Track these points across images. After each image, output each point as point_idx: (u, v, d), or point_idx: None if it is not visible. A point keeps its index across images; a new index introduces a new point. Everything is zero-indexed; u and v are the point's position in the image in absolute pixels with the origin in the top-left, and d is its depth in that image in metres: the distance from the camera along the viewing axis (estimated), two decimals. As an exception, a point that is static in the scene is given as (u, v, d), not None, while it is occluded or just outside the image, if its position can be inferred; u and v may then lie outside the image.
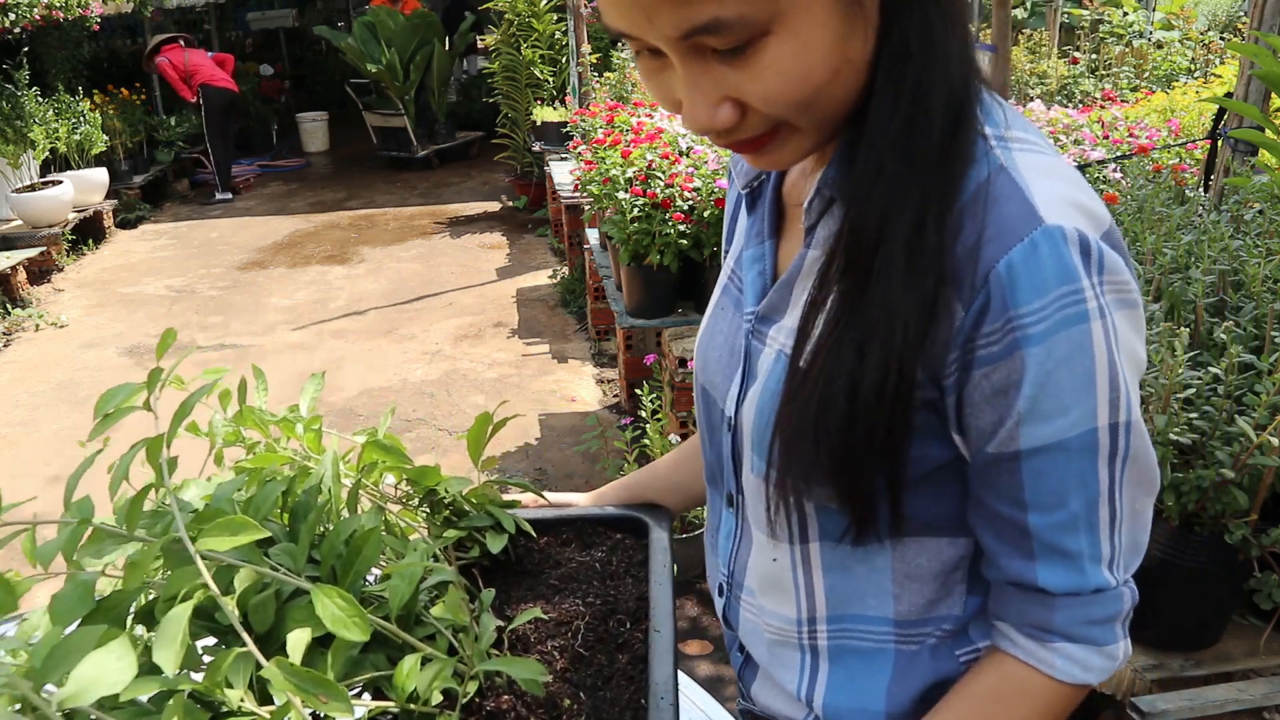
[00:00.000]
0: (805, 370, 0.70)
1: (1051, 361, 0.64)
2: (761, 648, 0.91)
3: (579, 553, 1.01)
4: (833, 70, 0.63)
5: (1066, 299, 0.63)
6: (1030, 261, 0.63)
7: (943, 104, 0.65)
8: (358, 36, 9.36)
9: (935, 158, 0.65)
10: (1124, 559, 0.72)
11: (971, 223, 0.65)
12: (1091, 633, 0.73)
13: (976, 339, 0.65)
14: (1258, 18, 2.39)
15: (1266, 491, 1.44)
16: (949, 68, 0.65)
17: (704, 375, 0.90)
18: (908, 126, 0.65)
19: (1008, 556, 0.73)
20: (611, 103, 4.59)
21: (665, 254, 3.20)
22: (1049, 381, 0.64)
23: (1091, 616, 0.72)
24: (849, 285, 0.67)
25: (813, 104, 0.64)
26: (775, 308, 0.80)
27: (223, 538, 0.57)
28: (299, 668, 0.57)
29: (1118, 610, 0.73)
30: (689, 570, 3.08)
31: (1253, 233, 1.96)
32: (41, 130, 7.02)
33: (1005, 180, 0.66)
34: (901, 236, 0.64)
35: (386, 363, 5.03)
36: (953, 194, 0.65)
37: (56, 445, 4.28)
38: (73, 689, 0.48)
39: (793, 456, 0.71)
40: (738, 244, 0.90)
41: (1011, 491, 0.70)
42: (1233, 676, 1.58)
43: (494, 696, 0.79)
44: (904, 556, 0.79)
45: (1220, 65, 5.45)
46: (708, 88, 0.64)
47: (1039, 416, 0.66)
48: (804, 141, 0.69)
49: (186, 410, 0.64)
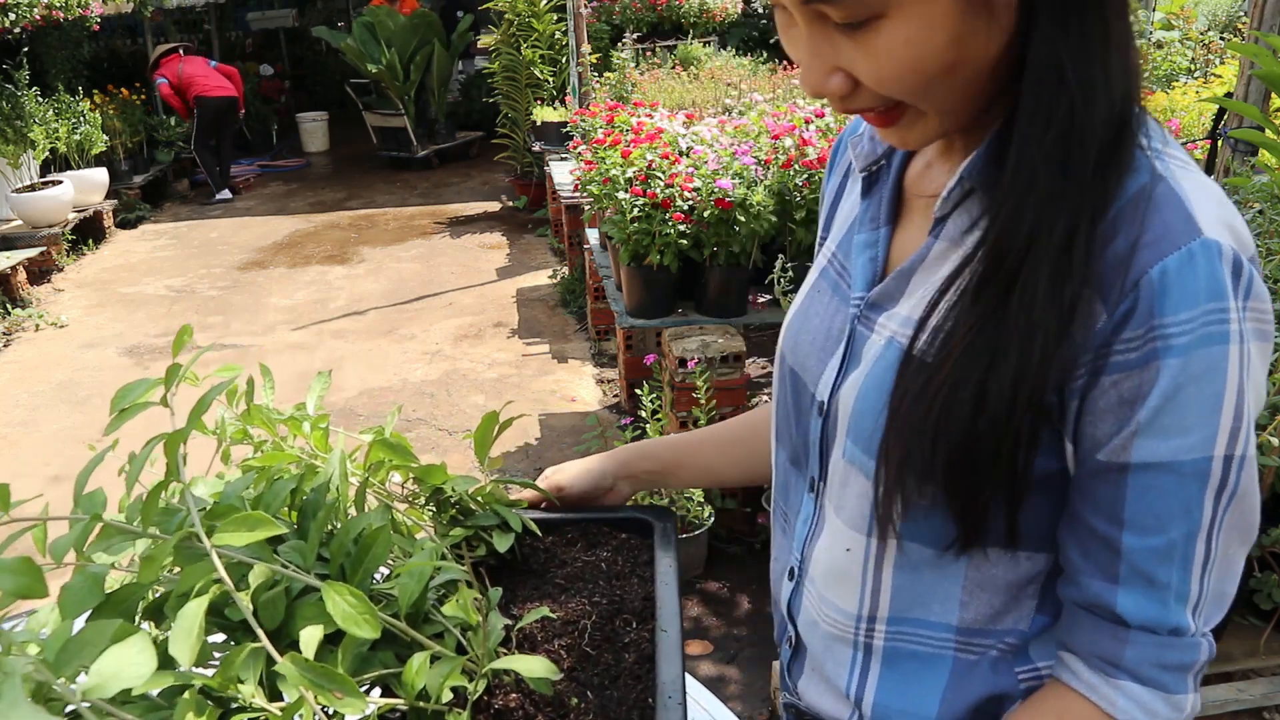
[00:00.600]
0: (931, 368, 0.68)
1: (1185, 377, 0.62)
2: (817, 640, 0.88)
3: (584, 552, 1.02)
4: (946, 64, 0.62)
5: (1212, 316, 0.61)
6: (1185, 271, 0.61)
7: (1103, 122, 0.64)
8: (357, 36, 9.36)
9: (1091, 173, 0.64)
10: (1208, 607, 0.69)
11: (1128, 227, 0.63)
12: (1162, 677, 0.69)
13: (1114, 344, 0.63)
14: (1258, 18, 2.40)
15: (1267, 492, 1.45)
16: (1110, 85, 0.64)
17: (794, 357, 0.87)
18: (1063, 142, 0.63)
19: (1090, 576, 0.70)
20: (611, 103, 4.59)
21: (665, 254, 3.20)
22: (1177, 396, 0.62)
23: (1164, 660, 0.69)
24: (987, 295, 0.66)
25: (927, 92, 0.64)
26: (889, 295, 0.78)
27: (239, 533, 0.58)
28: (313, 663, 0.57)
29: (1192, 660, 0.69)
30: (689, 570, 3.08)
31: (1253, 233, 1.96)
32: (41, 130, 7.02)
33: (1165, 189, 0.64)
34: (1050, 250, 0.63)
35: (386, 363, 5.04)
36: (1107, 202, 0.64)
37: (56, 445, 4.28)
38: (95, 681, 0.49)
39: (908, 453, 0.69)
40: (840, 229, 0.88)
41: (1111, 506, 0.67)
42: (1233, 676, 1.59)
43: (502, 694, 0.79)
44: (980, 566, 0.76)
45: (1220, 65, 5.46)
46: (825, 54, 0.65)
47: (1158, 431, 0.64)
48: (930, 126, 0.68)
49: (204, 406, 0.65)
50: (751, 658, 2.76)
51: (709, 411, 3.03)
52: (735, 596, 3.03)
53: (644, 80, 6.14)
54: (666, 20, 8.38)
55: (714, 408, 3.07)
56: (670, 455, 1.09)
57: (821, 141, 3.31)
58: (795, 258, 3.26)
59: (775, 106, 4.19)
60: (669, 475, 1.10)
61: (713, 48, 7.92)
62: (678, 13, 8.39)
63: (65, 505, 0.68)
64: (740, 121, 3.78)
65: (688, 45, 7.65)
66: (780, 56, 7.93)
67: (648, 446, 1.09)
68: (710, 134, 3.53)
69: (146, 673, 0.50)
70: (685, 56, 7.39)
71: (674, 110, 4.61)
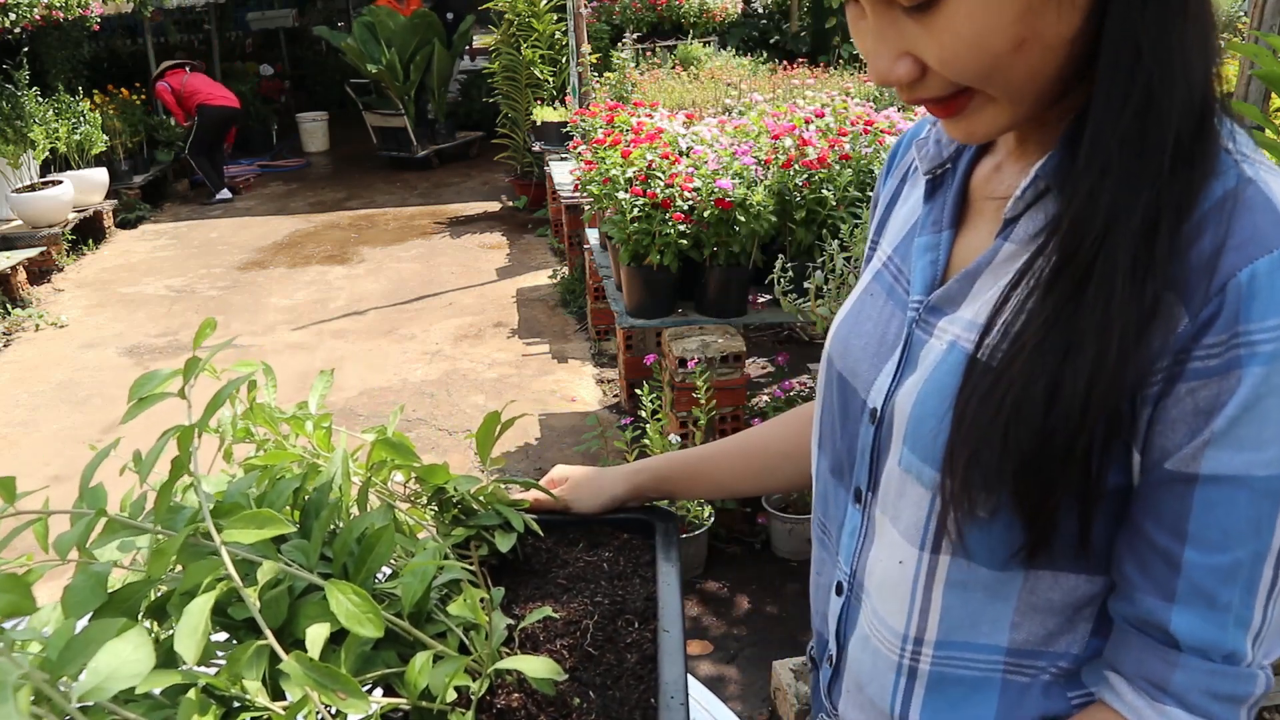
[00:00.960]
0: (999, 370, 0.65)
1: (1267, 387, 0.59)
2: (866, 657, 0.84)
3: (586, 553, 1.02)
4: (1015, 41, 0.60)
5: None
6: (1276, 275, 0.58)
7: (1181, 102, 0.61)
8: (358, 36, 9.36)
9: (1173, 160, 0.61)
10: (1270, 638, 0.64)
11: (1214, 229, 0.61)
12: (1211, 707, 0.65)
13: (1194, 349, 0.60)
14: (1258, 18, 2.40)
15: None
16: (1188, 63, 0.61)
17: (843, 362, 0.85)
18: (1140, 121, 0.61)
19: (1145, 592, 0.65)
20: (611, 103, 4.59)
21: (665, 254, 3.20)
22: (1258, 407, 0.59)
23: (1216, 688, 0.64)
24: (1062, 285, 0.63)
25: (994, 74, 0.62)
26: (951, 299, 0.75)
27: (247, 531, 0.58)
28: (318, 663, 0.57)
29: (1247, 692, 0.65)
30: (689, 570, 3.09)
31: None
32: (41, 130, 7.02)
33: (1255, 192, 0.61)
34: (1129, 240, 0.61)
35: (386, 363, 5.04)
36: (1191, 201, 0.61)
37: (56, 445, 4.28)
38: (92, 681, 0.49)
39: (975, 457, 0.66)
40: (897, 232, 0.86)
41: (1175, 519, 0.63)
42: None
43: (504, 694, 0.79)
44: (1035, 589, 0.72)
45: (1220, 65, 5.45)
46: (892, 39, 0.64)
47: (1232, 442, 0.60)
48: (999, 115, 0.66)
49: (221, 399, 0.65)
50: (751, 658, 2.76)
51: (709, 411, 3.03)
52: (735, 596, 3.03)
53: (644, 80, 6.15)
54: (666, 20, 8.38)
55: (714, 408, 3.07)
56: (681, 476, 1.09)
57: (821, 141, 3.31)
58: (795, 258, 3.26)
59: (775, 106, 4.19)
60: (680, 495, 1.11)
61: (713, 48, 7.92)
62: (678, 13, 8.39)
63: (65, 505, 0.68)
64: (740, 121, 3.78)
65: (688, 45, 7.65)
66: (780, 56, 7.94)
67: (660, 470, 1.09)
68: (710, 134, 3.53)
69: (144, 670, 0.50)
70: (685, 56, 7.39)
71: (674, 110, 4.61)
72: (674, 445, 3.07)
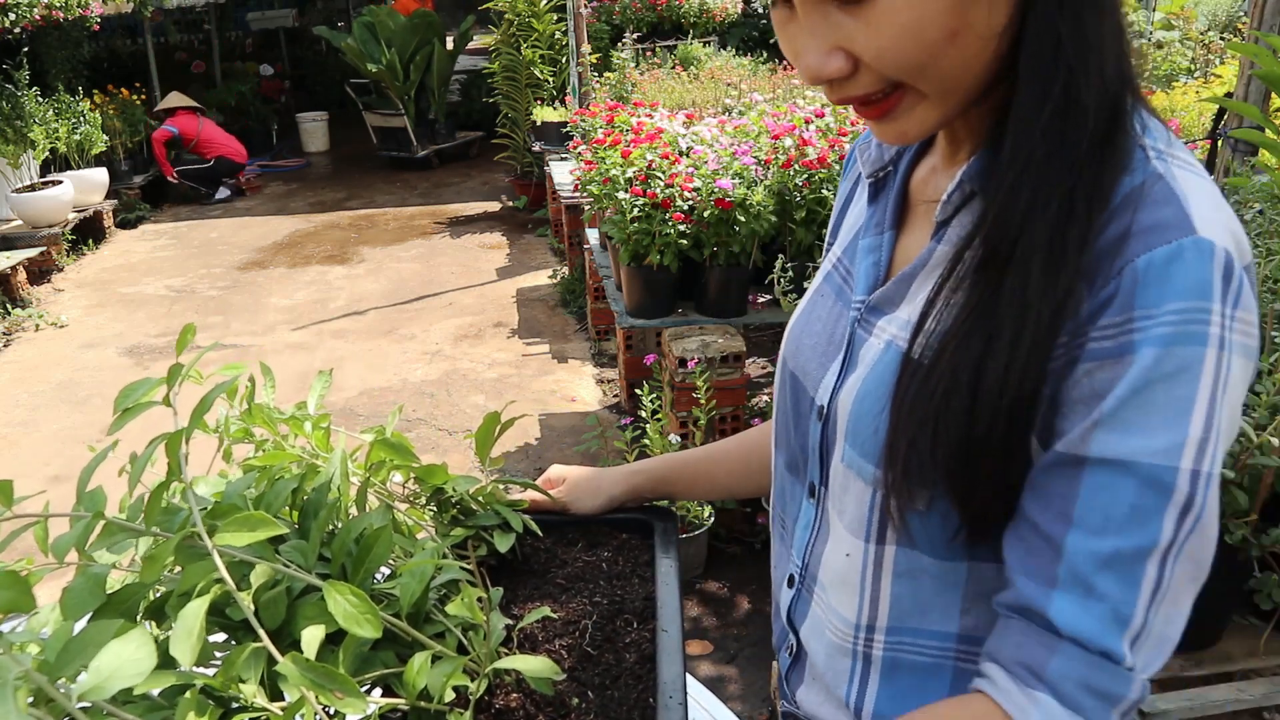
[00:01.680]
0: (930, 363, 0.67)
1: (1156, 372, 0.60)
2: (820, 647, 0.86)
3: (585, 552, 1.02)
4: (948, 32, 0.61)
5: (1195, 314, 0.59)
6: (1172, 265, 0.60)
7: (1096, 96, 0.63)
8: (358, 36, 9.36)
9: (1088, 150, 0.63)
10: (1148, 648, 0.63)
11: (1121, 220, 0.62)
12: (1083, 701, 0.63)
13: (1091, 330, 0.62)
14: (1258, 18, 2.40)
15: (1266, 492, 1.44)
16: (1104, 58, 0.63)
17: (794, 361, 0.87)
18: (1061, 116, 0.63)
19: (1028, 577, 0.65)
20: (611, 103, 4.59)
21: (665, 254, 3.20)
22: (1145, 391, 0.60)
23: (1091, 681, 0.63)
24: (984, 276, 0.65)
25: (928, 65, 0.63)
26: (890, 299, 0.78)
27: (240, 533, 0.58)
28: (314, 663, 0.57)
29: (1120, 694, 0.63)
30: (689, 570, 3.09)
31: (1253, 233, 1.96)
32: (41, 130, 7.02)
33: (1163, 188, 0.63)
34: (1045, 229, 0.63)
35: (386, 363, 5.04)
36: (1105, 192, 0.63)
37: (56, 445, 4.28)
38: (93, 681, 0.49)
39: (911, 450, 0.68)
40: (846, 235, 0.89)
41: (1063, 503, 0.64)
42: (1233, 676, 1.59)
43: (503, 694, 0.79)
44: (981, 578, 0.74)
45: (1220, 65, 5.46)
46: (824, 34, 0.64)
47: (1120, 424, 0.61)
48: (929, 113, 0.67)
49: (207, 405, 0.65)
50: (751, 658, 2.76)
51: (709, 411, 3.03)
52: (735, 596, 3.03)
53: (644, 80, 6.14)
54: (666, 20, 8.38)
55: (714, 408, 3.07)
56: (681, 477, 1.09)
57: (821, 141, 3.31)
58: (795, 258, 3.26)
59: (775, 106, 4.19)
60: (679, 495, 1.11)
61: (713, 48, 7.92)
62: (678, 13, 8.39)
63: (65, 505, 0.68)
64: (740, 121, 3.78)
65: (688, 45, 7.65)
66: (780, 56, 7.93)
67: (658, 471, 1.09)
68: (710, 134, 3.53)
69: (145, 670, 0.50)
70: (685, 56, 7.39)
71: (674, 110, 4.61)
72: (674, 445, 3.07)
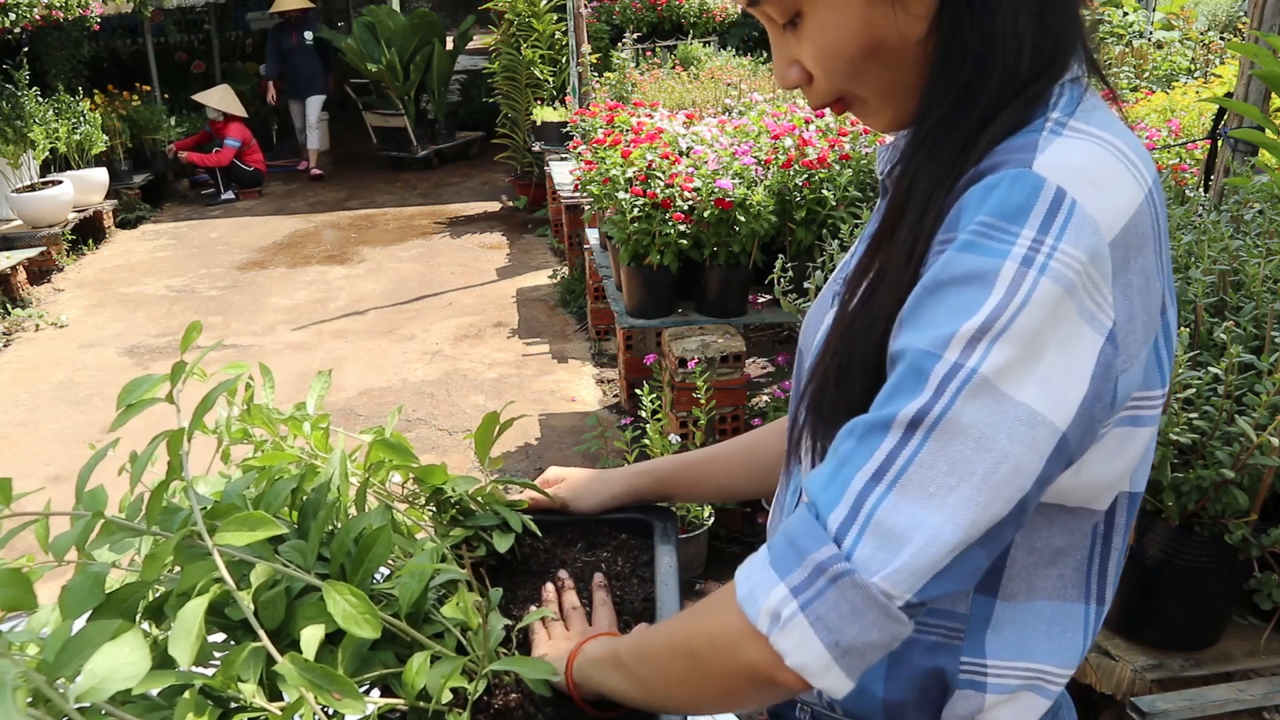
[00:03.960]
0: (842, 321, 0.74)
1: (944, 275, 0.64)
2: None
3: (585, 553, 1.02)
4: (865, 48, 0.71)
5: (993, 230, 0.63)
6: (992, 190, 0.64)
7: (1000, 82, 0.69)
8: (358, 36, 9.35)
9: (974, 130, 0.69)
10: (867, 534, 0.61)
11: (975, 174, 0.67)
12: (778, 545, 0.65)
13: (931, 248, 0.67)
14: (1258, 18, 2.40)
15: (1266, 491, 1.44)
16: (1016, 47, 0.69)
17: (803, 341, 0.93)
18: (957, 108, 0.70)
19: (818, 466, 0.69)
20: (611, 103, 4.59)
21: (665, 254, 3.20)
22: (933, 292, 0.64)
23: (791, 530, 0.65)
24: (880, 233, 0.74)
25: (856, 75, 0.73)
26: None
27: (240, 533, 0.58)
28: (313, 664, 0.57)
29: (806, 548, 0.63)
30: (689, 570, 3.08)
31: (1253, 233, 1.96)
32: (41, 130, 7.01)
33: (1028, 142, 0.67)
34: (925, 189, 0.70)
35: (386, 363, 5.04)
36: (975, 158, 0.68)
37: (56, 445, 4.28)
38: (89, 683, 0.48)
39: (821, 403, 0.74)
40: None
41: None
42: (1233, 676, 1.59)
43: (501, 694, 0.79)
44: None
45: (1220, 65, 5.46)
46: (782, 51, 0.78)
47: (908, 323, 0.66)
48: (878, 113, 0.77)
49: (209, 403, 0.65)
50: (751, 658, 2.76)
51: (709, 411, 3.03)
52: (735, 596, 3.03)
53: (644, 80, 6.14)
54: (666, 20, 8.37)
55: (714, 408, 3.07)
56: (682, 478, 1.10)
57: (821, 141, 3.31)
58: (795, 258, 3.26)
59: (775, 106, 4.19)
60: (680, 497, 1.12)
61: (713, 48, 7.91)
62: (678, 13, 8.39)
63: (65, 505, 0.68)
64: (740, 121, 3.78)
65: (688, 45, 7.64)
66: (780, 56, 7.91)
67: (660, 472, 1.10)
68: (710, 134, 3.53)
69: (140, 672, 0.50)
70: (685, 56, 7.39)
71: (674, 110, 4.61)
72: (674, 445, 3.07)
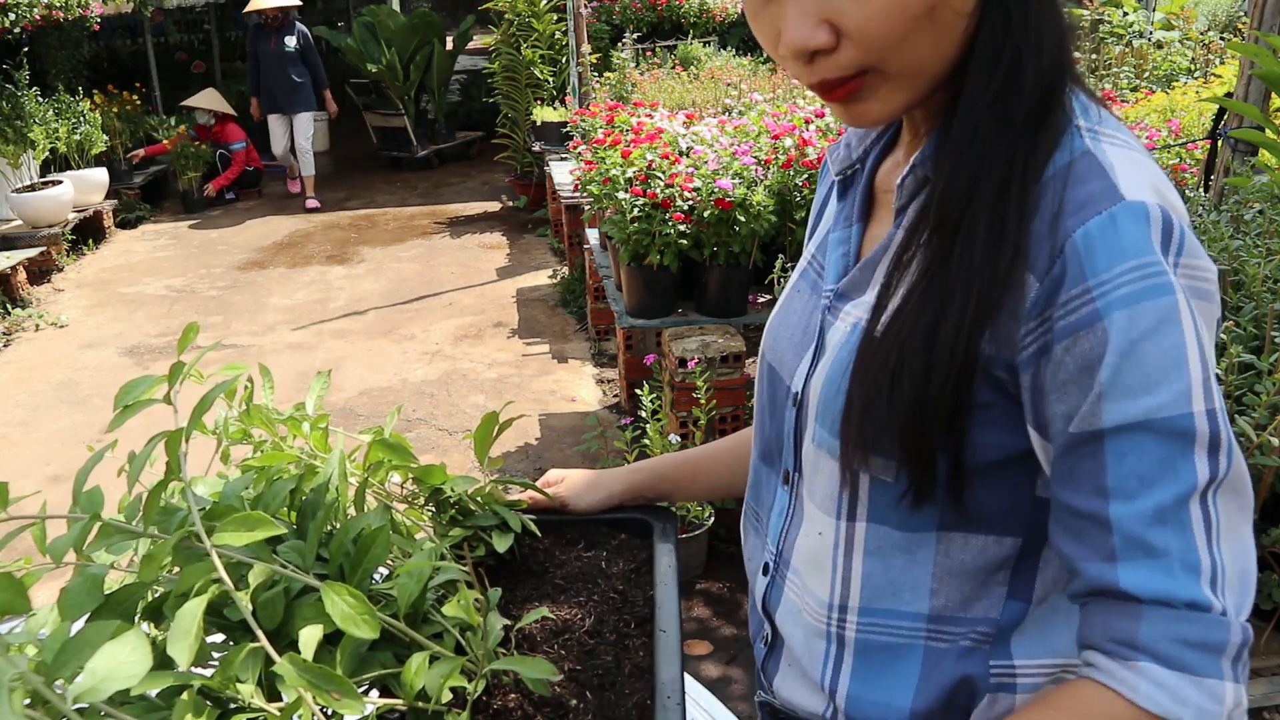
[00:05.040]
0: (883, 332, 0.71)
1: (1136, 331, 0.62)
2: (798, 631, 0.87)
3: (584, 553, 1.02)
4: (929, 6, 0.65)
5: (1146, 269, 0.62)
6: (1108, 231, 0.63)
7: (1034, 78, 0.68)
8: (358, 36, 9.35)
9: (1025, 126, 0.67)
10: (1229, 584, 0.63)
11: (1050, 199, 0.66)
12: (1185, 656, 0.62)
13: (1053, 310, 0.65)
14: (1258, 18, 2.40)
15: (1266, 491, 1.44)
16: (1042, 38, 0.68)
17: (772, 354, 0.91)
18: (1003, 94, 0.67)
19: (1088, 560, 0.66)
20: (611, 103, 4.59)
21: (665, 254, 3.20)
22: (1134, 353, 0.62)
23: (1185, 635, 0.62)
24: (934, 248, 0.69)
25: (906, 42, 0.66)
26: (856, 285, 0.82)
27: (238, 533, 0.57)
28: (311, 664, 0.57)
29: (1221, 640, 0.62)
30: (689, 570, 3.08)
31: (1253, 233, 1.96)
32: (41, 130, 7.01)
33: (1090, 162, 0.67)
34: (988, 197, 0.67)
35: (386, 363, 5.03)
36: (1039, 165, 0.67)
37: (56, 445, 4.28)
38: (88, 683, 0.48)
39: (865, 416, 0.71)
40: (821, 231, 0.93)
41: (1093, 479, 0.65)
42: (1233, 675, 1.58)
43: (501, 695, 0.79)
44: (948, 551, 0.76)
45: (1220, 65, 5.46)
46: (812, 8, 0.66)
47: (1123, 391, 0.63)
48: (893, 95, 0.70)
49: (207, 404, 0.65)
50: (752, 658, 2.76)
51: (709, 411, 3.03)
52: (736, 596, 3.03)
53: (644, 80, 6.14)
54: (666, 20, 8.38)
55: (714, 408, 3.07)
56: (681, 476, 1.11)
57: (821, 141, 3.31)
58: (795, 258, 3.26)
59: (775, 106, 4.19)
60: (679, 495, 1.12)
61: (713, 48, 7.91)
62: (678, 13, 8.39)
63: (65, 505, 0.68)
64: (740, 121, 3.78)
65: (688, 45, 7.64)
66: (780, 56, 7.91)
67: (658, 469, 1.11)
68: (710, 134, 3.53)
69: (141, 672, 0.50)
70: (685, 56, 7.39)
71: (674, 110, 4.61)
72: (674, 445, 3.07)
